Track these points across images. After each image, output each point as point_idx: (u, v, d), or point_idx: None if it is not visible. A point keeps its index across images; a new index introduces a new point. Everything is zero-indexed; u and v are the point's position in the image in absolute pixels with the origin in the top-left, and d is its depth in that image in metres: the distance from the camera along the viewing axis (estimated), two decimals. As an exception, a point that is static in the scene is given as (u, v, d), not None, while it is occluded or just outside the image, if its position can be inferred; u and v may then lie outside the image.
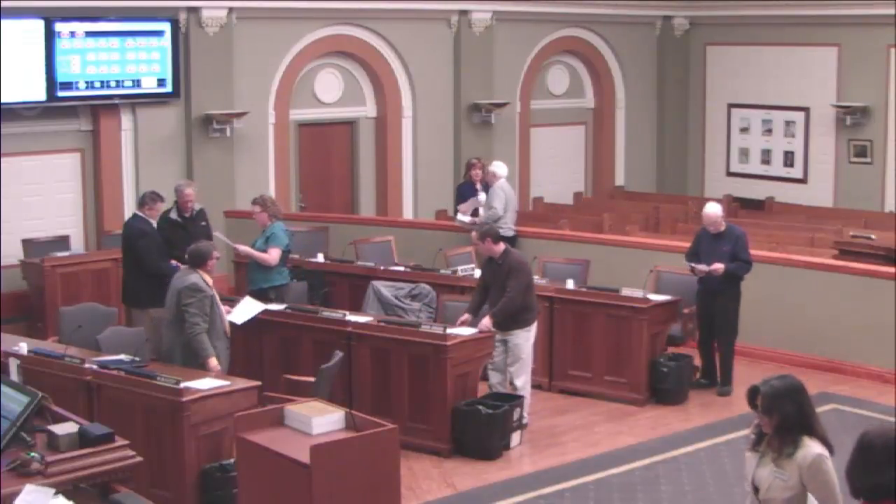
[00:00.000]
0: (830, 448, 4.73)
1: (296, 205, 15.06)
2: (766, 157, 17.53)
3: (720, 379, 10.24)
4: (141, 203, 10.71)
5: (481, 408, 8.62)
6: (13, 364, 7.61)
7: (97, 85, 13.13)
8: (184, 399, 7.20)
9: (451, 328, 8.88)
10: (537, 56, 16.98)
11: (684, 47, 18.25)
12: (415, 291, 10.84)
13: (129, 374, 7.63)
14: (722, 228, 10.13)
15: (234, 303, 9.34)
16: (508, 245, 9.52)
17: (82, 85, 13.04)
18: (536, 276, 10.93)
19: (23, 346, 8.23)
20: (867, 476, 4.19)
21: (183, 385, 7.29)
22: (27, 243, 12.58)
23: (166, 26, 13.51)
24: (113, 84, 13.24)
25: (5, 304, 11.45)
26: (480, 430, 8.54)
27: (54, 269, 11.82)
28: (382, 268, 11.47)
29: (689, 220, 15.16)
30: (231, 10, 13.99)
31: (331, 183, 15.55)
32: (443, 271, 11.24)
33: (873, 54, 16.06)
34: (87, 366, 7.82)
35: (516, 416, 8.82)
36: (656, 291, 10.40)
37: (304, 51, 14.86)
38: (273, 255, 10.25)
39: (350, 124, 15.62)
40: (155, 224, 10.63)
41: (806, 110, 16.94)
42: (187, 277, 8.40)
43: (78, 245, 13.25)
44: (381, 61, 15.49)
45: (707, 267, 9.97)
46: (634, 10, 17.71)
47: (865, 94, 16.22)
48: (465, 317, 9.14)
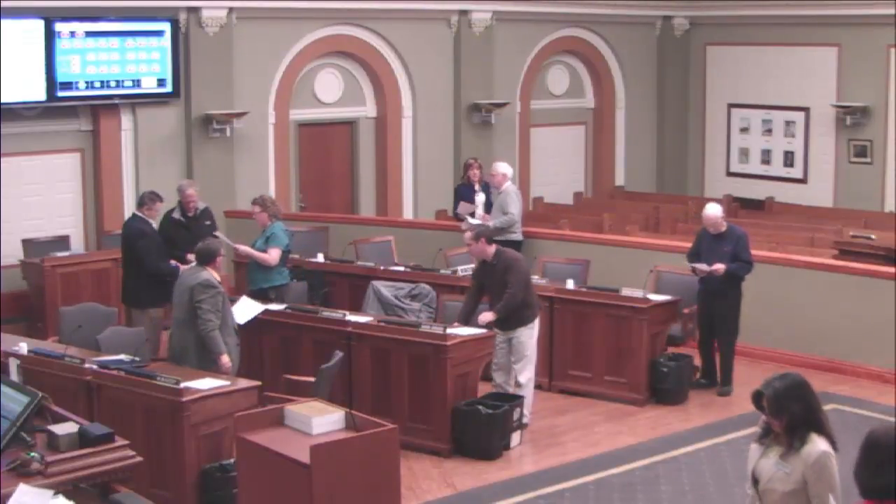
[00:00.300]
0: (835, 446, 4.74)
1: (296, 205, 15.06)
2: (766, 157, 17.52)
3: (720, 379, 10.24)
4: (140, 203, 10.71)
5: (481, 408, 8.62)
6: (13, 364, 7.62)
7: (97, 85, 13.13)
8: (184, 399, 7.20)
9: (451, 328, 8.88)
10: (537, 56, 16.97)
11: (684, 47, 18.24)
12: (415, 291, 10.84)
13: (129, 374, 7.63)
14: (723, 229, 10.12)
15: (232, 303, 9.34)
16: (499, 245, 9.47)
17: (82, 85, 13.03)
18: (536, 277, 10.94)
19: (23, 346, 8.22)
20: (871, 475, 4.22)
21: (183, 385, 7.29)
22: (27, 243, 12.58)
23: (166, 26, 13.51)
24: (113, 84, 13.24)
25: (5, 304, 11.45)
26: (480, 430, 8.54)
27: (54, 269, 11.81)
28: (382, 268, 11.46)
29: (689, 220, 15.16)
30: (231, 10, 13.99)
31: (331, 183, 15.54)
32: (443, 271, 11.23)
33: (873, 54, 16.05)
34: (87, 366, 7.81)
35: (516, 416, 8.82)
36: (656, 291, 10.39)
37: (304, 51, 14.86)
38: (273, 256, 10.26)
39: (350, 124, 15.62)
40: (154, 224, 10.64)
41: (806, 110, 16.94)
42: (199, 274, 8.37)
43: (78, 245, 13.24)
44: (381, 61, 15.49)
45: (708, 267, 9.97)
46: (634, 10, 17.70)
47: (865, 94, 16.22)
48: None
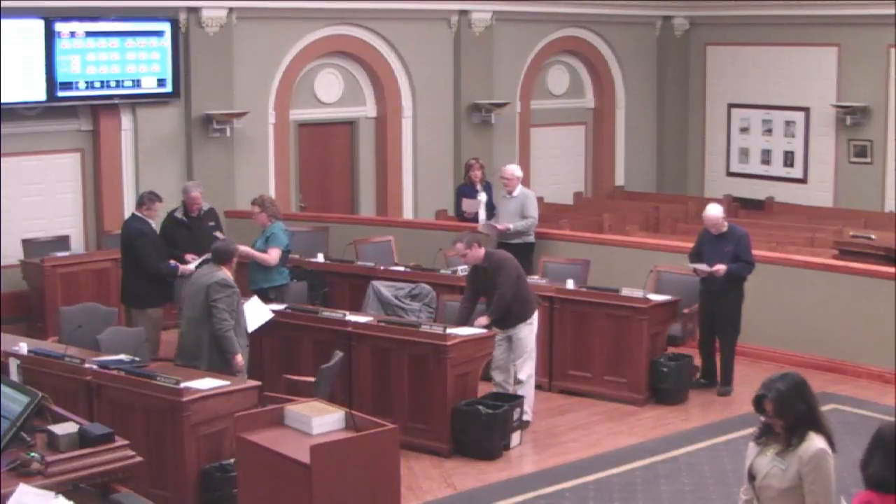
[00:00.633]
0: (833, 445, 4.76)
1: (296, 205, 15.05)
2: (766, 157, 17.51)
3: (720, 379, 10.24)
4: (139, 203, 10.71)
5: (481, 408, 8.62)
6: (13, 364, 7.62)
7: (97, 85, 13.13)
8: (184, 399, 7.20)
9: (451, 328, 8.88)
10: (537, 56, 16.97)
11: (684, 47, 18.24)
12: (415, 291, 10.84)
13: (129, 374, 7.63)
14: (724, 229, 10.12)
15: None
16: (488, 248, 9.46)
17: (82, 85, 13.03)
18: (536, 277, 10.95)
19: (23, 346, 8.22)
20: (875, 469, 4.33)
21: (183, 385, 7.29)
22: (27, 243, 12.58)
23: (166, 26, 13.51)
24: (113, 84, 13.24)
25: (5, 304, 11.45)
26: (480, 430, 8.54)
27: (54, 269, 11.81)
28: (382, 268, 11.46)
29: (689, 220, 15.17)
30: (231, 10, 13.99)
31: (331, 183, 15.54)
32: (443, 271, 11.23)
33: (873, 54, 16.05)
34: (87, 366, 7.81)
35: (516, 416, 8.82)
36: (656, 291, 10.39)
37: (304, 51, 14.85)
38: (273, 256, 10.26)
39: (350, 124, 15.61)
40: (154, 224, 10.64)
41: (806, 110, 16.93)
42: (215, 273, 8.33)
43: (78, 245, 13.24)
44: (381, 61, 15.49)
45: (709, 268, 9.97)
46: (634, 10, 17.70)
47: (865, 94, 16.22)
48: None
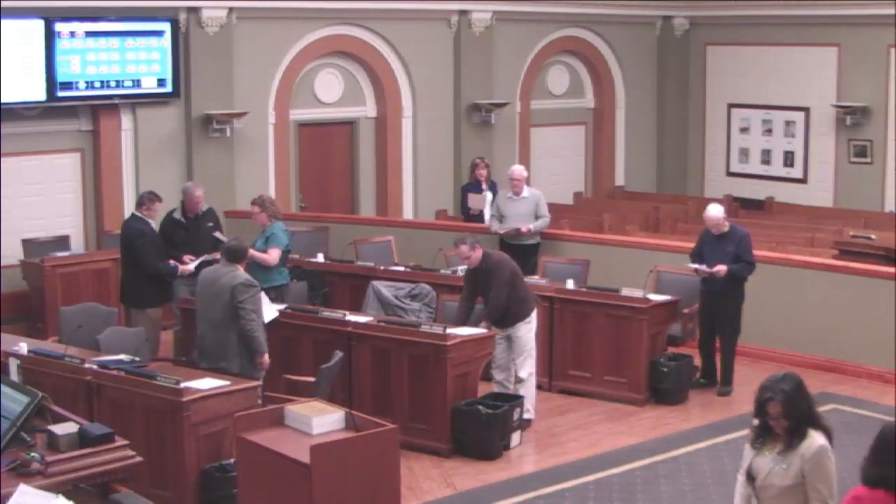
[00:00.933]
0: (831, 439, 4.79)
1: (296, 205, 15.05)
2: (766, 157, 17.51)
3: (720, 379, 10.24)
4: (139, 203, 10.70)
5: (481, 408, 8.62)
6: (13, 364, 7.62)
7: (97, 85, 13.12)
8: (184, 399, 7.20)
9: (451, 328, 8.88)
10: (537, 56, 16.97)
11: (684, 47, 18.24)
12: (415, 291, 10.84)
13: (129, 374, 7.63)
14: (725, 230, 10.11)
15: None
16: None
17: (82, 85, 13.03)
18: (536, 277, 10.96)
19: (23, 346, 8.22)
20: (874, 466, 4.36)
21: (183, 385, 7.29)
22: (27, 243, 12.57)
23: (166, 26, 13.50)
24: (113, 84, 13.24)
25: (5, 304, 11.44)
26: (480, 430, 8.54)
27: (54, 269, 11.80)
28: (382, 268, 11.46)
29: (689, 220, 15.17)
30: (231, 10, 13.98)
31: (331, 183, 15.54)
32: (443, 271, 11.23)
33: (873, 54, 16.04)
34: (87, 366, 7.81)
35: (516, 416, 8.82)
36: (656, 291, 10.39)
37: (304, 51, 14.85)
38: (273, 256, 10.26)
39: (350, 124, 15.61)
40: (153, 224, 10.64)
41: (806, 110, 16.93)
42: (236, 273, 8.32)
43: (78, 245, 13.24)
44: (381, 61, 15.49)
45: (709, 269, 9.97)
46: (634, 10, 17.70)
47: (865, 94, 16.21)
48: None
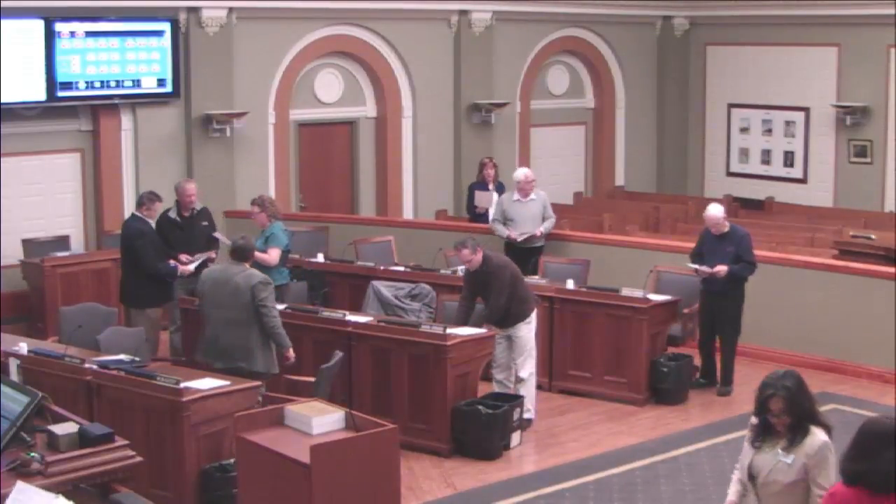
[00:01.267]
0: (830, 433, 4.82)
1: (296, 205, 15.05)
2: (766, 157, 17.51)
3: (720, 379, 10.24)
4: (139, 203, 10.71)
5: (481, 408, 8.62)
6: (13, 364, 7.62)
7: (97, 85, 13.12)
8: (184, 399, 7.20)
9: (451, 328, 8.88)
10: (537, 56, 16.96)
11: (684, 47, 18.23)
12: (415, 291, 10.84)
13: (129, 374, 7.63)
14: (725, 230, 10.11)
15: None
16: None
17: (82, 85, 13.03)
18: (536, 277, 10.96)
19: (23, 346, 8.21)
20: (851, 461, 4.34)
21: (183, 385, 7.29)
22: (27, 243, 12.57)
23: (166, 26, 13.50)
24: (113, 84, 13.24)
25: (5, 304, 11.44)
26: (480, 430, 8.54)
27: (54, 269, 11.80)
28: (382, 268, 11.46)
29: (689, 220, 15.17)
30: (231, 10, 13.98)
31: (331, 183, 15.54)
32: (443, 271, 11.23)
33: (873, 54, 16.04)
34: (87, 366, 7.81)
35: (516, 416, 8.82)
36: (656, 291, 10.39)
37: (304, 51, 14.85)
38: (273, 256, 10.26)
39: (350, 124, 15.61)
40: (153, 224, 10.64)
41: (806, 110, 16.93)
42: (251, 272, 8.32)
43: (78, 245, 13.24)
44: (381, 61, 15.48)
45: (710, 269, 9.97)
46: (634, 10, 17.70)
47: (865, 94, 16.21)
48: None
